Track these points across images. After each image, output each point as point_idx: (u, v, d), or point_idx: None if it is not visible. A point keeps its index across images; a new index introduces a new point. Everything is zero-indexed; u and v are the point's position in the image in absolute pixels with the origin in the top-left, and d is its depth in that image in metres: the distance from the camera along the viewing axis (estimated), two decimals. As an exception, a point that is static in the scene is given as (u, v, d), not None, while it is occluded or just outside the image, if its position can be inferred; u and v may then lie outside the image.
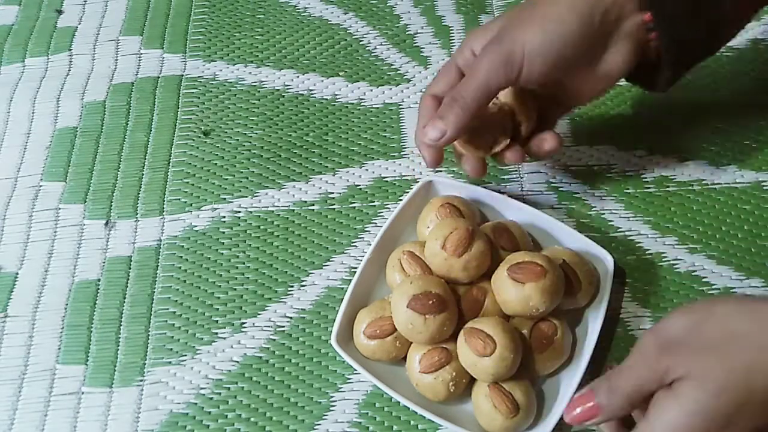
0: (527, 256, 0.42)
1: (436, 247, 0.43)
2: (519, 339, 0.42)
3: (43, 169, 0.54)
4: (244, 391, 0.44)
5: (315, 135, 0.55)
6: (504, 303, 0.42)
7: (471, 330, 0.41)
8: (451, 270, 0.43)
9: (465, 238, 0.42)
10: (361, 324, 0.44)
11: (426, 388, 0.42)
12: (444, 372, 0.42)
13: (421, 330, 0.41)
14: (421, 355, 0.42)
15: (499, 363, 0.40)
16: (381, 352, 0.43)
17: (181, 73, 0.59)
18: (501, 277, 0.42)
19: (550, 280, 0.41)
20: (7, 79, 0.59)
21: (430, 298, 0.41)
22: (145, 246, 0.50)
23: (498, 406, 0.41)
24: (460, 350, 0.41)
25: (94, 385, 0.45)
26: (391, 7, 0.62)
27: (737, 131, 0.54)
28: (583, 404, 0.36)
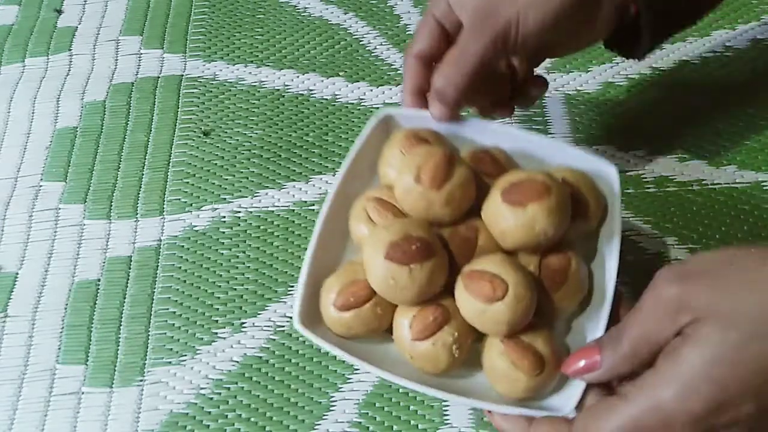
0: (523, 175, 0.35)
1: (409, 182, 0.35)
2: (531, 275, 0.35)
3: (43, 169, 0.54)
4: (244, 391, 0.44)
5: (315, 135, 0.55)
6: (503, 235, 0.35)
7: (471, 273, 0.34)
8: (431, 207, 0.35)
9: (443, 164, 0.35)
10: (330, 294, 0.36)
11: (423, 359, 0.34)
12: (444, 334, 0.34)
13: (406, 284, 0.33)
14: (411, 319, 0.35)
15: (515, 305, 0.32)
16: (359, 326, 0.36)
17: (181, 73, 0.59)
18: (495, 204, 0.35)
19: (556, 196, 0.34)
20: (7, 79, 0.59)
21: (412, 243, 0.33)
22: (145, 246, 0.50)
23: (518, 362, 0.33)
24: (461, 301, 0.34)
25: (94, 385, 0.45)
26: (391, 7, 0.62)
27: (737, 131, 0.54)
28: (584, 357, 0.31)
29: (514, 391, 0.34)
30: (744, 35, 0.59)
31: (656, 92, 0.56)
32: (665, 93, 0.56)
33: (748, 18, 0.60)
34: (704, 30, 0.59)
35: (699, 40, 0.59)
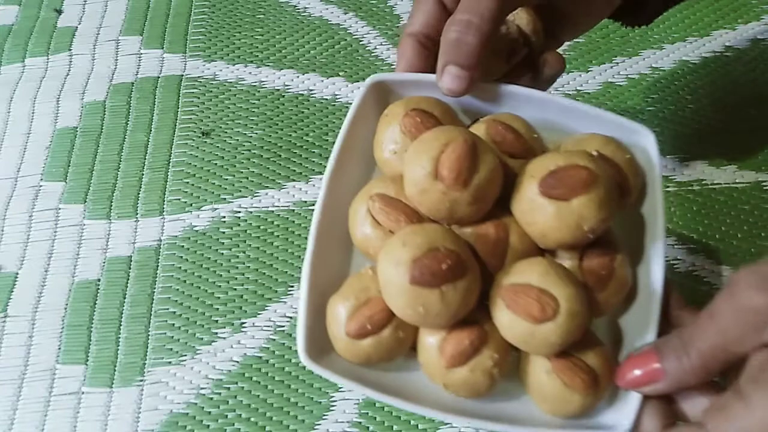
0: (560, 158, 0.29)
1: (425, 178, 0.29)
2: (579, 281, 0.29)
3: (43, 169, 0.54)
4: (245, 391, 0.44)
5: (315, 135, 0.55)
6: (542, 234, 0.29)
7: (513, 288, 0.28)
8: (456, 207, 0.29)
9: (467, 154, 0.28)
10: (339, 319, 0.30)
11: (459, 387, 0.30)
12: (482, 358, 0.29)
13: (439, 310, 0.28)
14: (441, 341, 0.29)
15: (569, 325, 0.27)
16: (379, 353, 0.30)
17: (181, 73, 0.59)
18: (530, 198, 0.29)
19: (603, 185, 0.28)
20: (7, 79, 0.59)
21: (440, 260, 0.27)
22: (145, 246, 0.50)
23: (570, 382, 0.29)
24: (502, 321, 0.29)
25: (94, 385, 0.45)
26: (391, 7, 0.62)
27: (737, 131, 0.54)
28: (641, 366, 0.28)
29: (565, 412, 0.30)
30: (744, 35, 0.59)
31: (656, 92, 0.56)
32: (665, 93, 0.56)
33: (748, 18, 0.60)
34: (704, 30, 0.59)
35: (699, 39, 0.59)
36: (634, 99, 0.55)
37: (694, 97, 0.55)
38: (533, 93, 0.33)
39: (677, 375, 0.27)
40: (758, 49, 0.58)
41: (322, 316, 0.31)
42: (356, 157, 0.33)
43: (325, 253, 0.32)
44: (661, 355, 0.28)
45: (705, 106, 0.55)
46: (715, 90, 0.56)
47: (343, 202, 0.33)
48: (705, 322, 0.27)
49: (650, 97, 0.55)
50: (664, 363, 0.27)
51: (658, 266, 0.31)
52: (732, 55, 0.57)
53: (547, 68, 0.36)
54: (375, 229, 0.31)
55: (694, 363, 0.27)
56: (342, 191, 0.33)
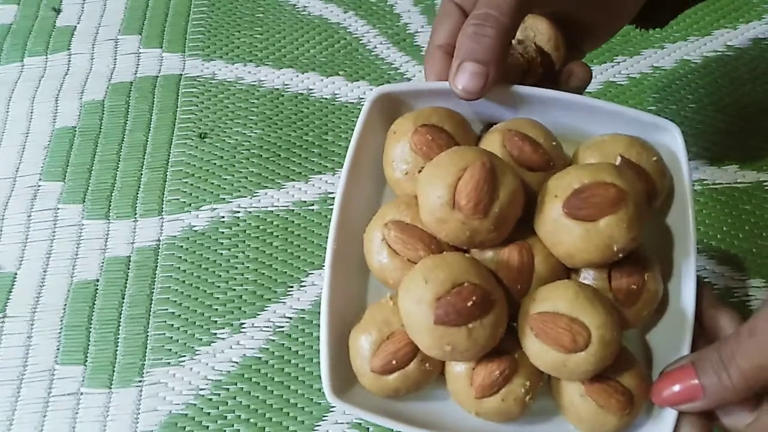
0: (584, 174, 0.27)
1: (443, 208, 0.27)
2: (611, 305, 0.28)
3: (41, 168, 0.54)
4: (244, 392, 0.44)
5: (315, 135, 0.55)
6: (569, 255, 0.28)
7: (542, 318, 0.27)
8: (477, 235, 0.27)
9: (486, 180, 0.27)
10: (362, 354, 0.29)
11: (492, 415, 0.29)
12: (514, 387, 0.28)
13: (466, 347, 0.27)
14: (469, 370, 0.29)
15: (601, 354, 0.27)
16: (407, 386, 0.29)
17: (180, 72, 0.59)
18: (554, 219, 0.27)
19: (633, 202, 0.27)
20: (6, 79, 0.59)
21: (466, 298, 0.26)
22: (143, 246, 0.50)
23: (605, 405, 0.28)
24: (533, 351, 0.28)
25: (93, 385, 0.45)
26: (391, 6, 0.62)
27: (738, 131, 0.53)
28: (679, 382, 0.27)
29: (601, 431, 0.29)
30: (745, 34, 0.58)
31: (657, 91, 0.56)
32: (666, 92, 0.56)
33: (749, 17, 0.60)
34: (705, 29, 0.59)
35: (700, 39, 0.58)
36: (635, 98, 0.55)
37: (695, 97, 0.55)
38: (546, 93, 0.31)
39: (717, 393, 0.26)
40: (759, 49, 0.58)
41: (343, 347, 0.30)
42: (366, 176, 0.32)
43: (342, 282, 0.30)
44: (700, 372, 0.27)
45: (706, 106, 0.55)
46: (716, 89, 0.55)
47: (356, 225, 0.31)
48: (745, 339, 0.26)
49: (651, 97, 0.55)
50: (703, 380, 0.26)
51: (690, 274, 0.30)
52: (733, 55, 0.57)
53: (573, 79, 0.35)
54: (392, 258, 0.29)
55: (736, 382, 0.26)
56: (354, 214, 0.31)
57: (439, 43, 0.33)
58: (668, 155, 0.31)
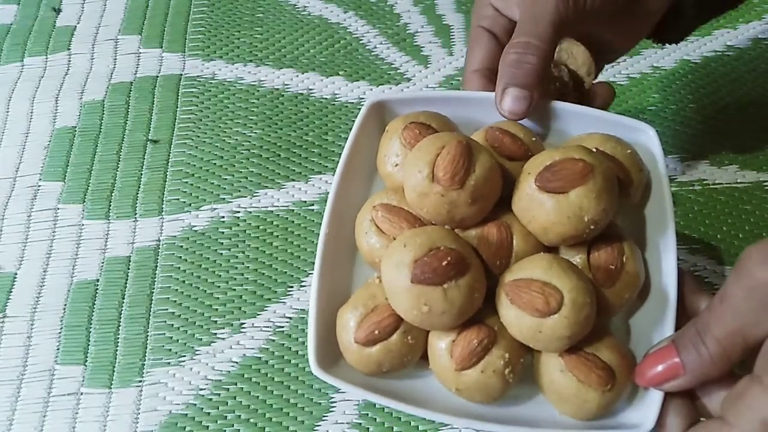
0: (556, 153, 0.29)
1: (423, 182, 0.29)
2: (585, 274, 0.29)
3: (41, 168, 0.54)
4: (244, 392, 0.44)
5: (315, 135, 0.55)
6: (543, 230, 0.29)
7: (516, 284, 0.28)
8: (455, 208, 0.29)
9: (460, 156, 0.29)
10: (348, 328, 0.31)
11: (473, 389, 0.29)
12: (493, 358, 0.29)
13: (443, 308, 0.28)
14: (450, 343, 0.29)
15: (575, 316, 0.27)
16: (390, 359, 0.30)
17: (180, 72, 0.59)
18: (529, 194, 0.29)
19: (601, 174, 0.28)
20: (6, 79, 0.59)
21: (441, 258, 0.28)
22: (144, 246, 0.50)
23: (585, 379, 0.28)
24: (509, 318, 0.29)
25: (93, 385, 0.45)
26: (391, 6, 0.62)
27: (738, 131, 0.53)
28: (660, 362, 0.27)
29: (584, 411, 0.29)
30: (745, 34, 0.59)
31: (657, 92, 0.56)
32: (666, 92, 0.56)
33: (750, 17, 0.60)
34: (705, 29, 0.59)
35: (700, 39, 0.58)
36: (636, 98, 0.55)
37: (696, 97, 0.55)
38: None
39: (697, 367, 0.26)
40: (759, 49, 0.58)
41: (332, 328, 0.31)
42: (360, 176, 0.35)
43: (332, 266, 0.32)
44: (680, 348, 0.27)
45: (706, 106, 0.55)
46: (717, 89, 0.55)
47: (348, 216, 0.33)
48: (717, 307, 0.26)
49: (651, 97, 0.55)
50: (683, 356, 0.27)
51: (670, 260, 0.31)
52: (733, 54, 0.57)
53: (598, 100, 0.37)
54: (379, 237, 0.31)
55: (713, 352, 0.26)
56: (347, 206, 0.33)
57: (475, 68, 0.36)
58: (647, 154, 0.33)
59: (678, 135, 0.53)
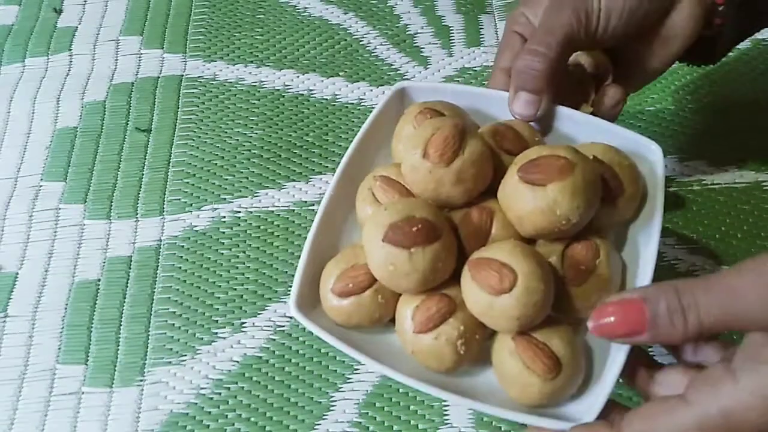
0: (544, 150, 0.31)
1: (417, 158, 0.32)
2: (548, 265, 0.31)
3: (43, 169, 0.54)
4: (245, 391, 0.44)
5: (315, 135, 0.55)
6: (519, 219, 0.31)
7: (479, 261, 0.30)
8: (441, 186, 0.32)
9: (452, 138, 0.31)
10: (329, 279, 0.33)
11: (426, 354, 0.31)
12: (447, 327, 0.31)
13: (407, 270, 0.30)
14: (414, 309, 0.31)
15: (525, 299, 0.29)
16: (359, 314, 0.33)
17: (181, 73, 0.59)
18: (511, 184, 0.31)
19: (580, 174, 0.30)
20: (7, 79, 0.59)
21: (413, 224, 0.30)
22: (145, 246, 0.50)
23: (531, 364, 0.29)
24: (467, 292, 0.30)
25: (95, 385, 0.45)
26: (391, 7, 0.62)
27: (737, 131, 0.54)
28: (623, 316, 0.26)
29: (526, 396, 0.30)
30: (744, 35, 0.59)
31: (656, 92, 0.56)
32: (665, 93, 0.56)
33: (748, 18, 0.60)
34: (704, 30, 0.59)
35: (699, 40, 0.59)
36: (634, 99, 0.55)
37: (694, 97, 0.55)
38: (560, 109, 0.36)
39: (664, 335, 0.25)
40: (758, 49, 0.58)
41: (317, 278, 0.34)
42: (373, 151, 0.37)
43: (331, 224, 0.35)
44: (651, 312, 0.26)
45: (705, 106, 0.55)
46: (715, 90, 0.56)
47: (355, 182, 0.36)
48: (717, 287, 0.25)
49: (650, 98, 0.55)
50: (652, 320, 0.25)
51: (647, 270, 0.31)
52: (732, 55, 0.57)
53: (606, 98, 0.38)
54: (373, 205, 0.34)
55: (691, 328, 0.25)
56: (357, 173, 0.36)
57: (502, 66, 0.38)
58: (650, 170, 0.34)
59: (677, 135, 0.54)
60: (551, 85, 0.35)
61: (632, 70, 0.40)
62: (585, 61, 0.40)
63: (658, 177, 0.33)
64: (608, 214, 0.33)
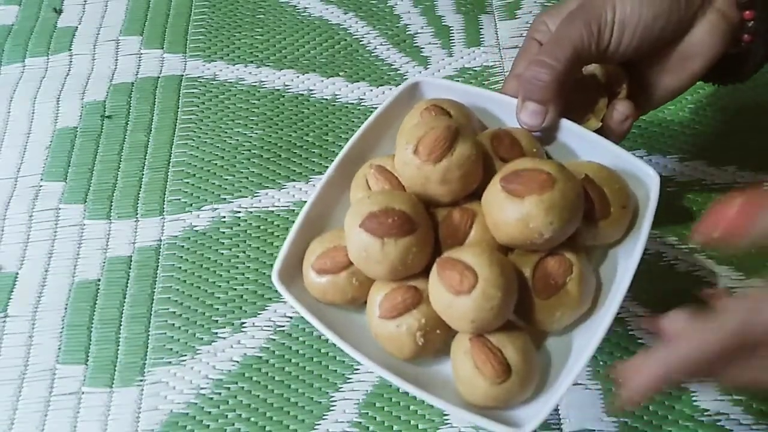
0: (530, 163, 0.32)
1: (407, 153, 0.33)
2: (513, 274, 0.31)
3: (43, 169, 0.54)
4: (245, 391, 0.44)
5: (315, 135, 0.55)
6: (496, 226, 0.32)
7: (446, 260, 0.31)
8: (428, 183, 0.33)
9: (443, 138, 0.32)
10: (311, 256, 0.35)
11: (387, 340, 0.33)
12: (409, 317, 0.32)
13: (378, 258, 0.31)
14: (383, 296, 0.33)
15: (481, 303, 0.30)
16: (334, 292, 0.34)
17: (181, 73, 0.59)
18: (492, 191, 0.32)
19: (559, 191, 0.30)
20: (8, 79, 0.59)
21: (389, 216, 0.31)
22: (145, 246, 0.50)
23: (481, 366, 0.31)
24: (432, 289, 0.31)
25: (95, 385, 0.45)
26: (391, 7, 0.62)
27: (737, 131, 0.54)
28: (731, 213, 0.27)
29: (473, 395, 0.31)
30: (744, 35, 0.59)
31: (656, 92, 0.56)
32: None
33: (748, 18, 0.60)
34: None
35: (699, 40, 0.59)
36: (634, 99, 0.55)
37: (694, 97, 0.55)
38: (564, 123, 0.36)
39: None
40: (758, 49, 0.58)
41: (301, 252, 0.36)
42: (380, 137, 0.38)
43: (325, 203, 0.36)
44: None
45: (704, 107, 0.55)
46: (715, 90, 0.56)
47: (355, 168, 0.37)
48: None
49: (650, 97, 0.55)
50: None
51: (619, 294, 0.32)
52: (732, 55, 0.57)
53: (615, 113, 0.37)
54: (365, 192, 0.35)
55: None
56: (358, 160, 0.37)
57: (516, 73, 0.38)
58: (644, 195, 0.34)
59: (676, 135, 0.54)
60: (558, 97, 0.35)
61: (647, 88, 0.39)
62: (599, 72, 0.39)
63: (650, 204, 0.34)
64: (590, 233, 0.33)
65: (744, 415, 0.42)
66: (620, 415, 0.42)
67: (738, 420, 0.41)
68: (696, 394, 0.42)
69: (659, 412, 0.42)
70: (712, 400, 0.42)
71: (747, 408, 0.42)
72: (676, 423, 0.41)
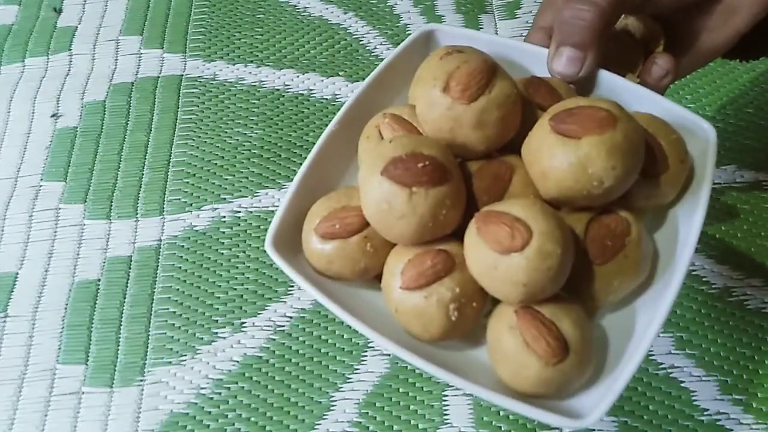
0: (584, 101, 0.27)
1: (435, 92, 0.27)
2: (569, 230, 0.26)
3: (43, 169, 0.54)
4: (245, 391, 0.44)
5: (315, 135, 0.55)
6: (544, 175, 0.26)
7: (488, 213, 0.25)
8: (458, 127, 0.27)
9: (481, 72, 0.27)
10: (313, 218, 0.29)
11: (411, 315, 0.26)
12: (441, 287, 0.26)
13: (404, 211, 0.25)
14: (406, 263, 0.27)
15: (537, 262, 0.24)
16: (342, 261, 0.28)
17: (181, 73, 0.59)
18: (539, 135, 0.27)
19: (622, 132, 0.25)
20: (7, 79, 0.59)
21: (419, 160, 0.26)
22: (145, 246, 0.50)
23: (532, 343, 0.25)
24: (470, 248, 0.26)
25: (95, 385, 0.45)
26: (391, 7, 0.62)
27: (737, 131, 0.54)
28: None
29: (520, 381, 0.25)
30: (744, 35, 0.59)
31: (656, 92, 0.56)
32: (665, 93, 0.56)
33: (748, 18, 0.60)
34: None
35: (699, 39, 0.59)
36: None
37: (694, 97, 0.55)
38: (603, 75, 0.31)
39: None
40: (758, 49, 0.58)
41: (300, 218, 0.30)
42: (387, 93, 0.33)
43: (326, 163, 0.31)
44: None
45: (704, 106, 0.55)
46: (715, 89, 0.56)
47: (363, 122, 0.32)
48: None
49: (650, 97, 0.55)
50: None
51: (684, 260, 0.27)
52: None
53: (655, 68, 0.34)
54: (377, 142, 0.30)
55: None
56: (364, 113, 0.32)
57: (542, 25, 0.33)
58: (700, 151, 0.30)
59: (677, 135, 0.54)
60: (599, 42, 0.30)
61: (686, 47, 0.35)
62: (634, 27, 0.35)
63: (708, 160, 0.29)
64: (647, 191, 0.28)
65: (744, 415, 0.42)
66: (620, 415, 0.42)
67: (738, 420, 0.41)
68: (696, 394, 0.42)
69: (659, 411, 0.42)
70: (712, 400, 0.42)
71: (747, 408, 0.42)
72: (676, 423, 0.41)
